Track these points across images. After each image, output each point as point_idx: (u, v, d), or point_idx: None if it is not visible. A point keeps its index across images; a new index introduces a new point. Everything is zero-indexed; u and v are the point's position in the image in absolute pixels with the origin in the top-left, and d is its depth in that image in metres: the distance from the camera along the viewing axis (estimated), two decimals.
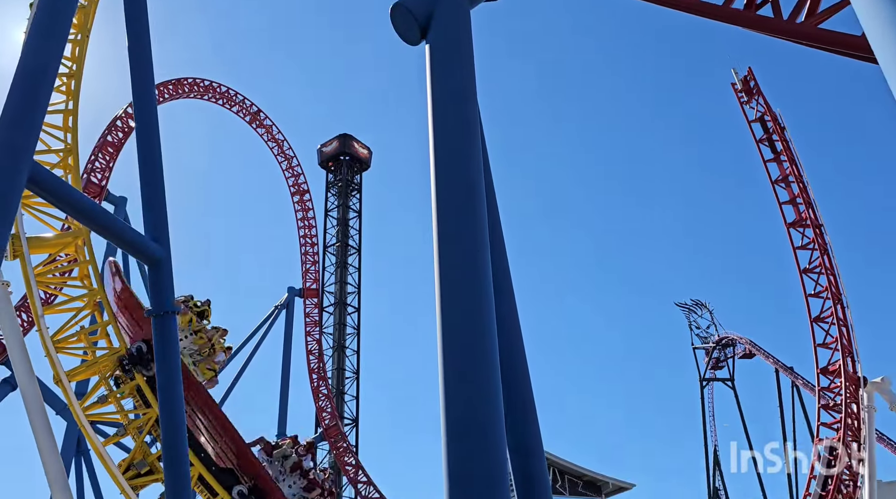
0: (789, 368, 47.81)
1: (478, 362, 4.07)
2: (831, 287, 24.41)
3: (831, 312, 24.18)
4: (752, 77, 27.50)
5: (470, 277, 4.25)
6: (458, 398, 3.96)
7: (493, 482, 3.76)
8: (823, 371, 24.18)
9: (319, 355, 44.34)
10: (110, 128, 34.39)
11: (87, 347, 17.25)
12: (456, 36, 5.39)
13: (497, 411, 4.01)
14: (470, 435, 3.89)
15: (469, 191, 4.49)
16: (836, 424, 23.10)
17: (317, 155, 53.87)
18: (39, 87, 7.01)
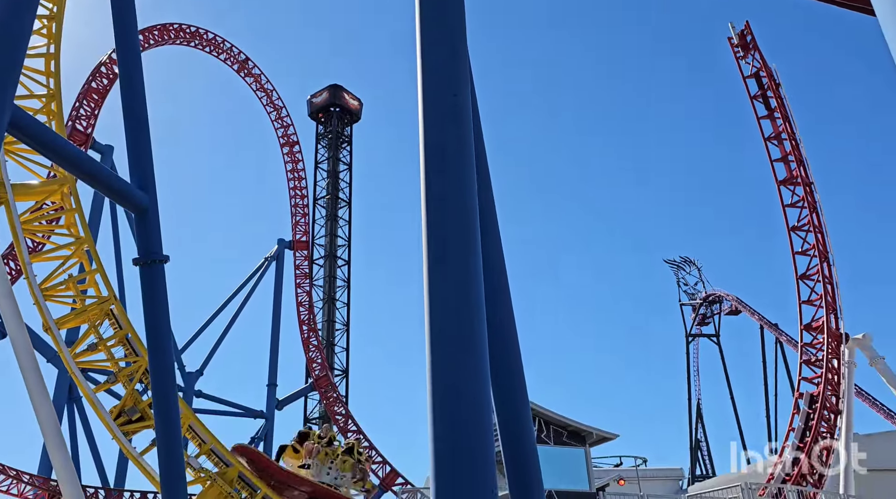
0: (774, 324, 48.58)
1: (464, 313, 4.08)
2: (818, 245, 24.60)
3: (817, 270, 24.42)
4: (748, 31, 27.10)
5: (457, 234, 4.23)
6: (444, 349, 3.99)
7: (477, 431, 3.81)
8: (807, 328, 24.54)
9: (309, 307, 44.56)
10: (94, 74, 33.68)
11: (75, 295, 17.22)
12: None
13: (482, 362, 4.04)
14: (455, 385, 3.93)
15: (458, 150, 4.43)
16: (817, 378, 23.57)
17: (307, 106, 53.08)
18: (18, 29, 6.79)
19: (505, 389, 5.48)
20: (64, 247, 16.98)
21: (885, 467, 21.43)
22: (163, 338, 8.39)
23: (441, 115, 4.62)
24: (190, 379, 41.68)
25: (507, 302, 5.77)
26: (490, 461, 3.80)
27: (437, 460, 3.76)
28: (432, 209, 4.32)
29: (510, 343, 5.65)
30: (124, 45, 8.60)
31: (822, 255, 24.61)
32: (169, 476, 8.02)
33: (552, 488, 15.53)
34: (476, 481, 3.69)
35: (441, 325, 4.06)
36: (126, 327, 17.49)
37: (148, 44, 37.34)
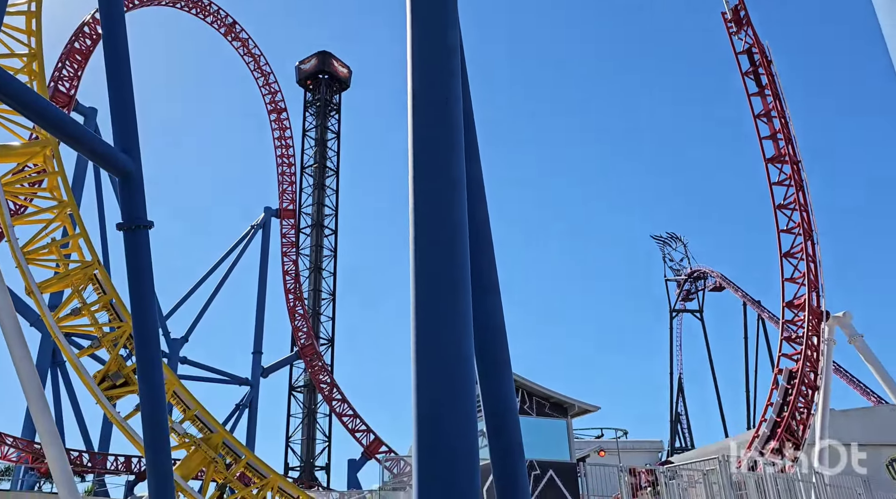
0: (756, 301, 49.14)
1: (449, 284, 4.08)
2: (803, 223, 24.74)
3: (801, 248, 24.61)
4: (742, 7, 26.89)
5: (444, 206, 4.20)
6: (429, 319, 3.98)
7: (460, 400, 3.83)
8: (789, 305, 24.82)
9: (296, 276, 44.49)
10: (77, 34, 32.98)
11: (58, 259, 17.07)
12: None
13: (467, 333, 4.05)
14: (439, 354, 3.94)
15: (447, 113, 4.37)
16: (797, 355, 23.92)
17: (295, 72, 52.35)
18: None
19: (489, 359, 5.51)
20: (47, 210, 16.78)
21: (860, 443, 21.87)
22: (147, 304, 8.33)
23: (431, 87, 4.56)
24: (175, 345, 41.69)
25: (492, 274, 5.78)
26: (473, 431, 3.83)
27: (420, 430, 3.78)
28: (420, 178, 4.29)
29: (495, 314, 5.66)
30: (108, 4, 8.39)
31: (807, 233, 24.79)
32: (153, 441, 8.03)
33: (534, 458, 15.75)
34: (459, 451, 3.72)
35: (426, 295, 4.05)
36: (110, 292, 17.40)
37: (132, 4, 36.53)
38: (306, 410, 44.73)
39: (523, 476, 5.47)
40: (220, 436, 17.92)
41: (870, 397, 39.77)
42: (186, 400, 18.14)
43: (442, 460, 3.71)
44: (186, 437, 17.52)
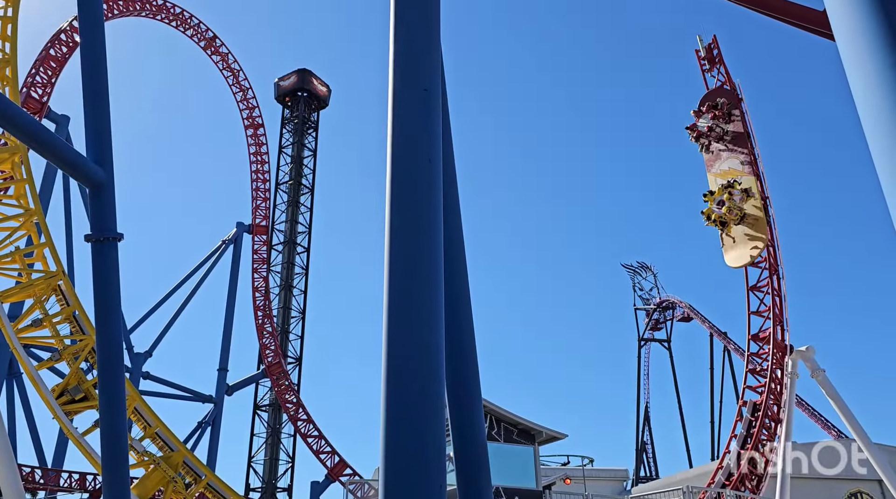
0: (723, 333, 49.82)
1: (422, 309, 4.09)
2: (770, 258, 25.24)
3: (767, 282, 25.08)
4: (715, 45, 27.64)
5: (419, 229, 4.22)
6: (401, 341, 3.98)
7: (429, 424, 3.82)
8: (754, 338, 25.21)
9: (266, 293, 44.01)
10: (53, 41, 32.62)
11: (22, 268, 16.71)
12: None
13: (438, 358, 4.05)
14: (410, 378, 3.93)
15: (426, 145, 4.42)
16: (761, 388, 24.26)
17: (273, 89, 52.29)
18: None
19: (459, 385, 5.50)
20: (12, 218, 16.45)
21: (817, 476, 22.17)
22: (112, 317, 8.17)
23: (411, 110, 4.61)
24: (138, 360, 40.82)
25: (465, 299, 5.80)
26: (440, 456, 3.81)
27: (388, 453, 3.76)
28: (396, 211, 4.31)
29: (466, 340, 5.67)
30: (87, 12, 8.32)
31: (773, 268, 25.28)
32: (111, 459, 7.83)
33: (500, 484, 15.67)
34: (426, 476, 3.70)
35: (398, 320, 4.05)
36: (73, 304, 17.04)
37: (112, 13, 36.29)
38: (270, 429, 43.99)
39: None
40: (181, 454, 17.55)
41: (830, 431, 40.40)
42: (147, 417, 17.75)
43: (409, 483, 3.69)
44: (146, 455, 17.13)
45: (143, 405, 17.96)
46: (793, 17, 7.80)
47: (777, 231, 25.85)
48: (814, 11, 7.61)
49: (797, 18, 7.77)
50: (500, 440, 16.93)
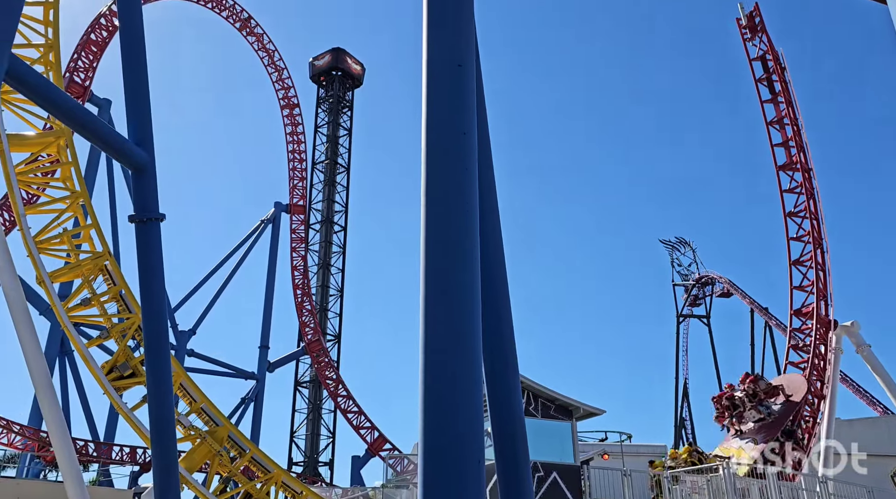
0: (764, 308, 48.88)
1: (459, 286, 4.10)
2: (813, 232, 24.63)
3: (811, 256, 24.50)
4: (757, 13, 26.80)
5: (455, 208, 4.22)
6: (438, 316, 4.00)
7: (466, 400, 3.85)
8: (797, 313, 24.72)
9: (304, 272, 44.61)
10: (94, 26, 33.15)
11: (70, 249, 17.19)
12: None
13: (475, 334, 4.07)
14: (447, 354, 3.96)
15: (460, 119, 4.39)
16: (804, 363, 23.82)
17: (308, 68, 52.47)
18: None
19: (496, 361, 5.52)
20: (59, 200, 16.90)
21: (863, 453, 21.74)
22: (156, 296, 8.38)
23: (445, 85, 4.58)
24: (182, 338, 41.87)
25: (502, 276, 5.79)
26: (479, 431, 3.85)
27: (427, 428, 3.80)
28: (432, 185, 4.31)
29: (503, 316, 5.68)
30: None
31: (817, 241, 24.67)
32: (159, 433, 8.08)
33: (538, 459, 15.76)
34: (464, 450, 3.74)
35: (435, 296, 4.07)
36: (120, 284, 17.51)
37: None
38: (311, 405, 44.87)
39: (527, 477, 5.48)
40: (226, 429, 18.01)
41: (876, 408, 39.52)
42: (193, 393, 18.24)
43: (448, 459, 3.73)
44: (192, 429, 17.62)
45: (189, 382, 18.45)
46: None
47: (821, 203, 25.18)
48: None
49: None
50: (537, 416, 16.98)
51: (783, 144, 26.08)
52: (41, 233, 16.59)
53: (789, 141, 25.92)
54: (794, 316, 24.83)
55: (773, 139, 26.29)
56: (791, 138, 25.91)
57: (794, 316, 24.85)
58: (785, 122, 26.12)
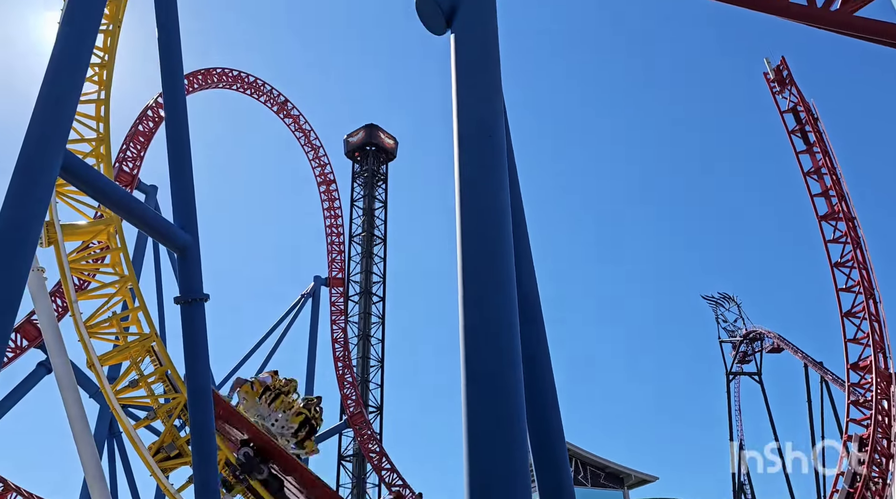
0: (819, 363, 47.01)
1: (499, 352, 4.09)
2: (863, 282, 23.95)
3: (863, 307, 23.74)
4: (785, 66, 26.98)
5: (492, 271, 4.26)
6: (480, 388, 3.99)
7: (513, 473, 3.78)
8: (854, 367, 23.77)
9: (344, 344, 44.75)
10: (141, 117, 34.91)
11: (118, 332, 17.62)
12: (482, 26, 5.38)
13: (518, 401, 4.03)
14: (491, 424, 3.92)
15: (493, 187, 4.49)
16: (866, 420, 22.73)
17: (343, 145, 54.09)
18: (72, 77, 7.15)
19: (540, 428, 5.43)
20: (109, 285, 17.43)
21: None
22: (201, 375, 8.53)
23: (476, 156, 4.71)
24: None
25: (541, 338, 5.76)
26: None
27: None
28: (467, 245, 4.38)
29: (545, 380, 5.61)
30: (171, 90, 8.95)
31: (868, 291, 23.94)
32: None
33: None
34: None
35: (476, 363, 4.06)
36: (166, 364, 17.79)
37: (192, 88, 38.65)
38: (355, 479, 44.12)
39: None
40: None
41: None
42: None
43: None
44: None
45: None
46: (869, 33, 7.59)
47: (868, 252, 24.55)
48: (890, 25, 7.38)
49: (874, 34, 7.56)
50: (587, 485, 16.43)
51: (823, 194, 25.73)
52: (91, 318, 17.08)
53: (829, 190, 25.57)
54: (852, 370, 23.88)
55: (813, 189, 25.98)
56: (831, 187, 25.57)
57: (851, 370, 23.90)
58: (823, 172, 25.85)
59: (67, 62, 7.15)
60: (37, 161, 6.67)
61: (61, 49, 7.20)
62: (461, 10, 5.31)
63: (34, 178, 6.64)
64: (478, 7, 5.41)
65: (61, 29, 7.51)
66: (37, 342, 28.40)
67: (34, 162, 6.66)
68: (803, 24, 8.41)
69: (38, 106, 6.86)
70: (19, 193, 6.50)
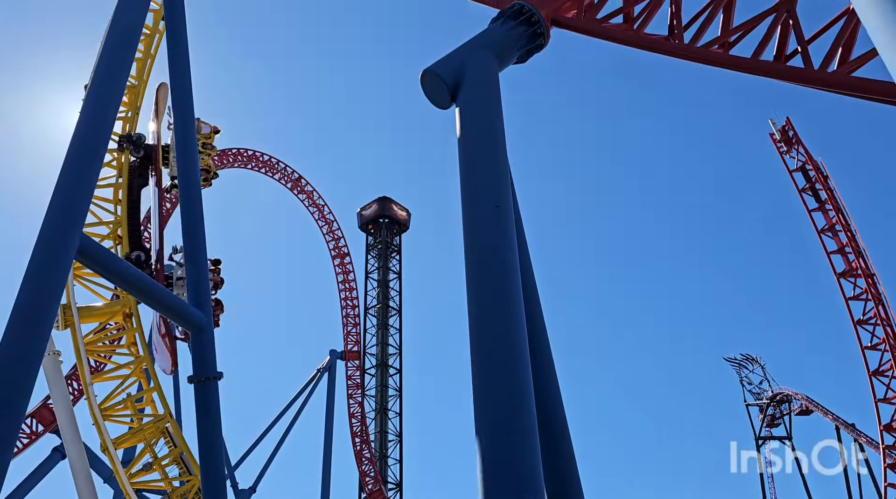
0: (850, 424, 45.49)
1: (515, 422, 4.00)
2: (889, 339, 23.44)
3: (891, 366, 23.15)
4: (790, 127, 27.30)
5: (504, 340, 4.22)
6: (495, 465, 3.88)
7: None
8: (887, 428, 23.01)
9: (362, 419, 44.03)
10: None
11: (133, 414, 17.44)
12: (485, 100, 5.52)
13: (536, 472, 3.91)
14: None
15: (501, 259, 4.50)
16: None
17: (357, 218, 54.82)
18: (90, 163, 7.36)
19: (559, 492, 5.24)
20: (124, 366, 17.38)
21: None
22: (215, 455, 8.38)
23: (484, 226, 4.73)
24: (242, 496, 40.96)
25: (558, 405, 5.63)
26: None
27: None
28: (476, 318, 4.34)
29: (564, 450, 5.46)
30: (185, 171, 9.19)
31: (894, 349, 23.39)
32: None
33: None
34: None
35: (491, 439, 3.97)
36: (181, 445, 17.52)
37: None
38: None
39: None
40: None
41: None
42: None
43: None
44: None
45: None
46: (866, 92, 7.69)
47: (891, 308, 24.12)
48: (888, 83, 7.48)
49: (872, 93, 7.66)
50: None
51: (839, 251, 25.53)
52: (106, 400, 16.96)
53: (845, 247, 25.39)
54: (885, 432, 23.07)
55: (828, 247, 25.81)
56: (847, 244, 25.40)
57: (884, 432, 23.09)
58: (837, 229, 25.74)
59: (86, 150, 7.38)
60: (54, 246, 6.79)
61: (80, 138, 7.44)
62: (465, 86, 5.47)
63: (51, 262, 6.75)
64: (482, 82, 5.57)
65: (81, 117, 7.78)
66: (52, 427, 28.19)
67: (51, 247, 6.78)
68: (803, 86, 8.56)
69: (57, 192, 7.04)
70: (36, 277, 6.60)
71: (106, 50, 8.36)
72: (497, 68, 5.91)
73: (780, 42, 8.01)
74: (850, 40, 7.47)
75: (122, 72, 8.41)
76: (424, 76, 5.65)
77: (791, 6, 7.88)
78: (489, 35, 6.32)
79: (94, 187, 7.68)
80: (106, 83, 7.99)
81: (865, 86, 7.46)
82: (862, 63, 7.62)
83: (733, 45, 8.38)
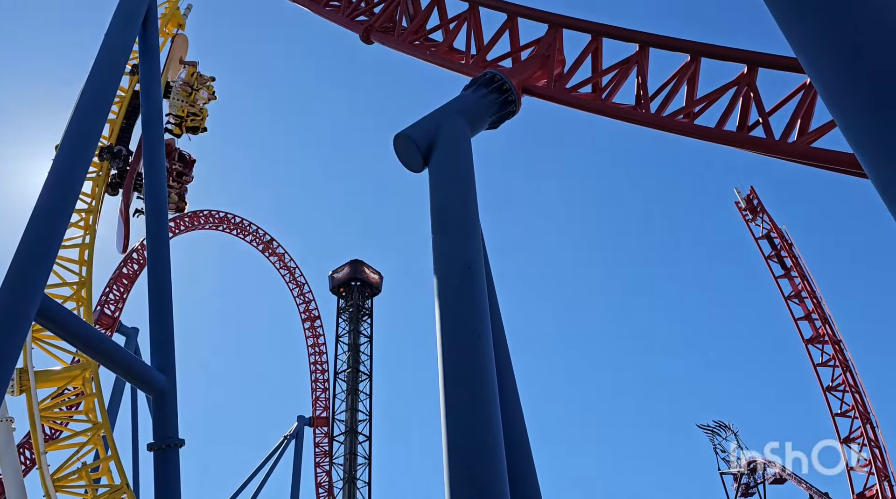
0: (824, 493, 45.18)
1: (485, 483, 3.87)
2: (858, 406, 23.57)
3: (861, 433, 23.19)
4: (754, 195, 28.07)
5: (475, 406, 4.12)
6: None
7: None
8: (860, 497, 22.85)
9: (329, 488, 42.59)
10: (126, 260, 35.14)
11: (87, 485, 16.63)
12: (458, 164, 5.57)
13: None
14: None
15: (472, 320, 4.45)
16: None
17: (328, 281, 54.39)
18: (55, 224, 7.22)
19: None
20: (81, 433, 16.69)
21: None
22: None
23: (455, 287, 4.69)
24: None
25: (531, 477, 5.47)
26: None
27: None
28: (449, 381, 4.25)
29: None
30: (154, 234, 9.05)
31: (864, 416, 23.52)
32: None
33: None
34: None
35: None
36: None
37: (179, 230, 39.28)
38: None
39: None
40: None
41: None
42: None
43: None
44: None
45: None
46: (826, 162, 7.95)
47: (859, 376, 24.36)
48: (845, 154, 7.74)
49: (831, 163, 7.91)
50: None
51: (806, 318, 25.90)
52: (60, 470, 16.17)
53: (811, 314, 25.78)
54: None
55: (795, 313, 26.19)
56: (813, 311, 25.80)
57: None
58: (803, 296, 26.18)
59: (51, 211, 7.25)
60: (12, 308, 6.57)
61: (46, 199, 7.32)
62: (437, 149, 5.53)
63: (8, 324, 6.52)
64: (454, 147, 5.64)
65: (48, 179, 7.68)
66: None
67: (9, 309, 6.56)
68: (765, 156, 8.83)
69: (19, 253, 6.86)
70: None
71: (77, 114, 8.36)
72: (469, 133, 6.01)
73: (742, 113, 8.29)
74: (809, 112, 7.76)
75: (93, 134, 8.38)
76: (398, 140, 5.71)
77: (751, 79, 8.19)
78: (462, 101, 6.47)
79: (57, 250, 7.52)
80: (76, 144, 7.93)
81: (824, 156, 7.71)
82: (821, 134, 7.89)
83: (698, 114, 8.65)
